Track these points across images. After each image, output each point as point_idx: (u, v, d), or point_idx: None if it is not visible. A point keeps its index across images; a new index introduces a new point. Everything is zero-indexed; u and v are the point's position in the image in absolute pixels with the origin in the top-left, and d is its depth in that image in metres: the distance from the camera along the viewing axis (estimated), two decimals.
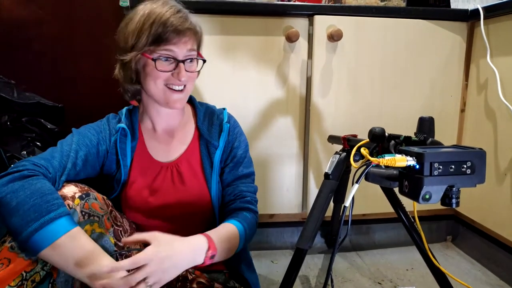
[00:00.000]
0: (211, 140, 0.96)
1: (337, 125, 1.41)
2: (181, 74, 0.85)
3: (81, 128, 0.92)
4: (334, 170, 1.02)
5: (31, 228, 0.66)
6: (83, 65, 1.76)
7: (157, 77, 0.85)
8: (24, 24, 1.69)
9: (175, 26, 0.82)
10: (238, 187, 0.97)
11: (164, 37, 0.82)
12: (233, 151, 0.98)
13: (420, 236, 0.98)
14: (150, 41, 0.82)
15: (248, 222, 0.91)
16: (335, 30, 1.30)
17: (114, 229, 0.83)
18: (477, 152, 0.64)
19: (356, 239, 1.59)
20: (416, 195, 0.62)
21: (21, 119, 1.41)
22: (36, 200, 0.68)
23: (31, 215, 0.67)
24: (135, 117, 0.97)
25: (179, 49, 0.85)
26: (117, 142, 0.92)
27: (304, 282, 1.32)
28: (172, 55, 0.84)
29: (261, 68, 1.36)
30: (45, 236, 0.66)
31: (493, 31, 1.31)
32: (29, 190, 0.69)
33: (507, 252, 1.31)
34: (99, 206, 0.80)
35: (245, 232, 0.88)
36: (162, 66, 0.84)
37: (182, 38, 0.84)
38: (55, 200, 0.70)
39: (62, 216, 0.69)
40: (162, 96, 0.88)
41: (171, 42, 0.83)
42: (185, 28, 0.84)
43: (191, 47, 0.87)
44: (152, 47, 0.83)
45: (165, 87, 0.87)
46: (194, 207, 0.93)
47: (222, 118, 1.00)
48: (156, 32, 0.81)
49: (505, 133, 1.27)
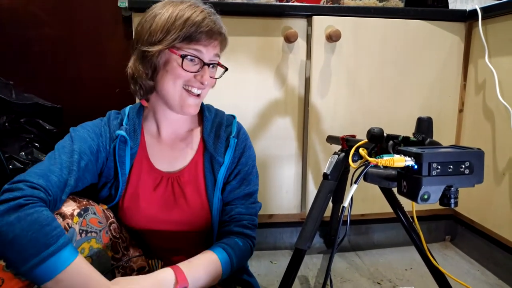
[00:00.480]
0: (216, 156, 0.90)
1: (335, 125, 1.41)
2: (205, 77, 0.82)
3: (80, 129, 0.86)
4: (333, 170, 1.02)
5: (30, 264, 0.62)
6: (82, 66, 1.77)
7: (178, 76, 0.81)
8: (23, 25, 1.69)
9: (210, 28, 0.80)
10: (236, 207, 0.92)
11: (195, 37, 0.79)
12: (237, 167, 0.93)
13: (419, 236, 0.98)
14: (181, 37, 0.79)
15: (237, 249, 0.86)
16: (334, 31, 1.30)
17: (112, 242, 0.81)
18: (475, 152, 0.64)
19: (355, 239, 1.59)
20: (415, 195, 0.62)
21: (19, 120, 1.41)
22: (33, 234, 0.64)
23: (29, 250, 0.63)
24: (139, 118, 0.92)
25: (207, 52, 0.82)
26: (116, 149, 0.87)
27: (303, 282, 1.32)
28: (200, 56, 0.82)
29: (260, 69, 1.37)
30: (46, 272, 0.63)
31: (491, 31, 1.32)
32: (26, 222, 0.64)
33: (505, 251, 1.31)
34: (97, 221, 0.78)
35: (230, 260, 0.83)
36: (188, 66, 0.81)
37: (213, 42, 0.82)
38: (54, 232, 0.65)
39: (61, 249, 0.65)
40: (177, 99, 0.84)
41: (202, 43, 0.81)
42: (218, 32, 0.82)
43: (217, 52, 0.85)
44: (180, 44, 0.80)
45: (182, 90, 0.83)
46: (193, 222, 0.90)
47: (230, 131, 0.94)
48: (189, 30, 0.79)
49: (503, 133, 1.27)
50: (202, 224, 0.90)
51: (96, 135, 0.86)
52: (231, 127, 0.95)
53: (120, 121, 0.91)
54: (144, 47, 0.81)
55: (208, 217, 0.90)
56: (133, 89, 0.87)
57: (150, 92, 0.87)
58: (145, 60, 0.82)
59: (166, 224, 0.89)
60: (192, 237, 0.93)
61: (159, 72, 0.83)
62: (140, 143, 0.91)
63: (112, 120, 0.91)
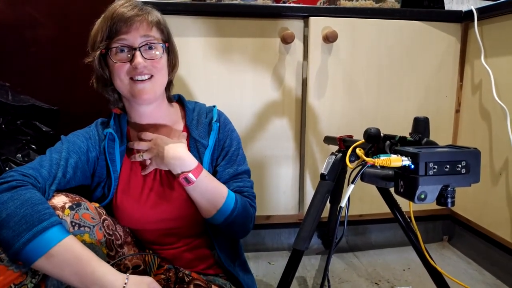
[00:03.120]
0: (200, 140, 0.94)
1: (333, 126, 1.41)
2: (137, 61, 0.83)
3: (70, 135, 0.90)
4: (330, 171, 1.02)
5: (23, 239, 0.64)
6: (78, 67, 1.75)
7: (119, 70, 0.85)
8: (18, 26, 1.69)
9: (121, 15, 0.83)
10: (234, 183, 0.96)
11: (114, 29, 0.83)
12: (224, 149, 0.97)
13: (416, 236, 0.99)
14: (105, 36, 0.83)
15: (243, 202, 0.92)
16: (330, 32, 1.31)
17: (106, 239, 0.82)
18: (472, 152, 0.64)
19: (353, 240, 1.59)
20: (412, 195, 0.63)
21: (16, 122, 1.40)
22: (26, 210, 0.66)
23: (22, 226, 0.65)
24: (124, 120, 0.96)
25: (132, 37, 0.84)
26: (105, 147, 0.91)
27: (301, 283, 1.32)
28: (126, 43, 0.84)
29: (257, 70, 1.37)
30: (38, 246, 0.65)
31: (487, 32, 1.32)
32: (19, 201, 0.67)
33: (503, 251, 1.32)
34: (90, 217, 0.79)
35: (235, 200, 0.89)
36: (117, 57, 0.85)
37: (132, 25, 0.84)
38: (46, 210, 0.68)
39: (54, 225, 0.67)
40: (128, 90, 0.87)
41: (122, 32, 0.83)
42: (134, 15, 0.84)
43: (145, 33, 0.85)
44: (106, 42, 0.84)
45: (130, 81, 0.86)
46: (184, 209, 0.92)
47: (212, 117, 0.98)
48: (107, 26, 0.83)
49: (499, 133, 1.28)
50: (193, 209, 0.91)
51: (85, 138, 0.90)
52: (212, 114, 1.00)
53: (107, 125, 0.95)
54: (87, 59, 0.88)
55: None
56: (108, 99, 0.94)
57: (119, 100, 0.94)
58: (97, 71, 0.89)
59: (158, 215, 0.91)
60: (186, 225, 0.94)
61: (109, 75, 0.89)
62: (128, 140, 0.95)
63: (99, 125, 0.96)
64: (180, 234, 0.96)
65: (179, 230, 0.95)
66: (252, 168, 1.05)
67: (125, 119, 0.97)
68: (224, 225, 0.90)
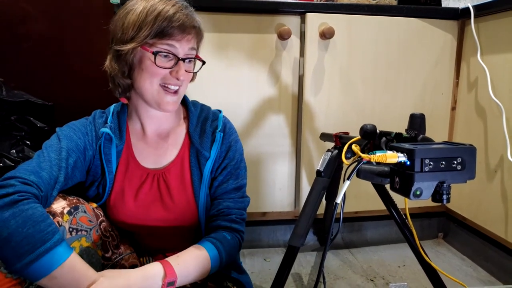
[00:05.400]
0: (202, 150, 0.89)
1: (329, 123, 1.41)
2: (180, 72, 0.80)
3: (65, 127, 0.85)
4: (326, 167, 1.01)
5: (25, 260, 0.62)
6: (73, 63, 1.74)
7: (154, 74, 0.80)
8: (13, 22, 1.67)
9: (181, 22, 0.78)
10: (224, 202, 0.91)
11: (168, 32, 0.77)
12: (224, 161, 0.92)
13: (411, 233, 0.99)
14: (153, 33, 0.77)
15: (226, 243, 0.85)
16: (327, 28, 1.30)
17: (102, 241, 0.81)
18: (468, 148, 0.64)
19: (349, 237, 1.60)
20: (407, 191, 0.62)
21: (10, 117, 1.39)
22: (29, 230, 0.63)
23: (24, 247, 0.62)
24: (123, 116, 0.91)
25: (181, 47, 0.80)
26: (101, 147, 0.87)
27: (297, 280, 1.32)
28: (173, 51, 0.80)
29: (253, 66, 1.36)
30: (41, 268, 0.63)
31: (483, 29, 1.32)
32: (21, 219, 0.64)
33: (497, 248, 1.32)
34: (87, 219, 0.78)
35: (219, 254, 0.82)
36: (161, 62, 0.80)
37: (186, 36, 0.80)
38: (49, 228, 0.66)
39: (57, 245, 0.65)
40: (155, 97, 0.82)
41: (175, 38, 0.79)
42: (191, 26, 0.80)
43: (193, 46, 0.83)
44: (153, 41, 0.78)
45: (160, 87, 0.82)
46: (180, 218, 0.89)
47: (216, 125, 0.93)
48: (160, 25, 0.77)
49: (495, 130, 1.28)
50: (189, 219, 0.89)
51: (82, 134, 0.85)
52: (217, 122, 0.94)
53: (105, 120, 0.90)
54: (117, 46, 0.80)
55: (194, 212, 0.89)
56: (112, 87, 0.87)
57: (128, 90, 0.87)
58: (119, 58, 0.82)
59: (153, 221, 0.88)
60: (180, 234, 0.93)
61: (135, 70, 0.82)
62: (126, 141, 0.90)
63: (97, 119, 0.90)
64: (174, 238, 0.94)
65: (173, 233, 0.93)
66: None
67: (125, 115, 0.92)
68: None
